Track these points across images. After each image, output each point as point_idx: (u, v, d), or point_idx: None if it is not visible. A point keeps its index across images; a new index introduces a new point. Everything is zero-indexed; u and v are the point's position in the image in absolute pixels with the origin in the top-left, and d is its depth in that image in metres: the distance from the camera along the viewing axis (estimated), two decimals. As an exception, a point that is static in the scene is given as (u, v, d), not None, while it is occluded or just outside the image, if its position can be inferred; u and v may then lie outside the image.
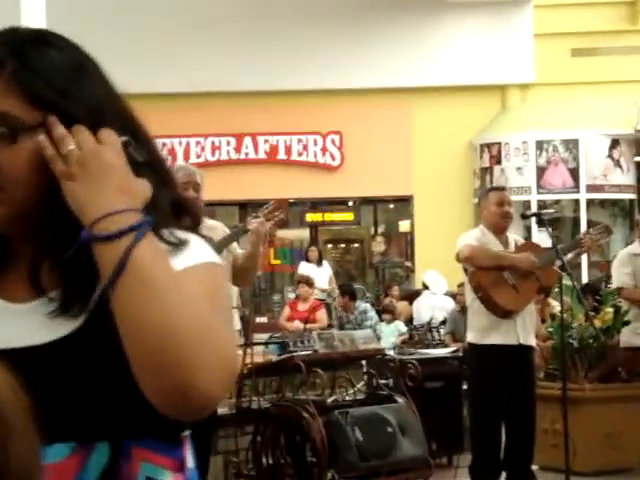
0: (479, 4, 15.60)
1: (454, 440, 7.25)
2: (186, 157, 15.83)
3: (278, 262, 16.88)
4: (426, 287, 12.39)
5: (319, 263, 14.30)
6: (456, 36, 15.82)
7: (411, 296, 12.54)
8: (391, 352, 8.00)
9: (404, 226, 17.04)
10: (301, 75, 15.58)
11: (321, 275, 14.01)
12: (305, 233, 17.07)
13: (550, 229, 6.49)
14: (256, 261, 5.35)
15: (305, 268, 14.17)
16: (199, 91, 15.57)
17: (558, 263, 6.07)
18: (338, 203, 16.95)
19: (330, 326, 11.26)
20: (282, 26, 15.60)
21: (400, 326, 11.13)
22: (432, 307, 11.74)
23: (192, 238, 1.43)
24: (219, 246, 5.19)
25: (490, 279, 5.98)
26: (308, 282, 12.73)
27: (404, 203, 16.74)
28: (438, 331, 10.90)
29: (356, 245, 18.24)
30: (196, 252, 1.40)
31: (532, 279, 6.02)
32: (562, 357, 6.33)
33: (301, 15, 15.68)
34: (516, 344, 5.95)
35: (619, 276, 7.33)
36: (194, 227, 1.49)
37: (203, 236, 1.49)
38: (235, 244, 5.33)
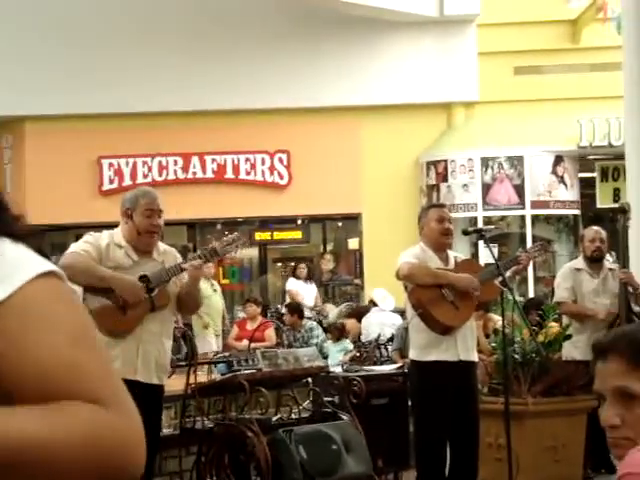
0: (423, 23, 15.75)
1: (400, 456, 7.27)
2: (133, 177, 15.79)
3: (227, 281, 16.85)
4: (374, 304, 12.43)
5: (307, 280, 14.44)
6: (401, 55, 15.96)
7: (359, 313, 12.58)
8: (338, 369, 8.02)
9: (353, 244, 17.10)
10: (248, 94, 15.62)
11: (309, 292, 14.12)
12: (254, 252, 17.06)
13: (494, 245, 6.57)
14: (193, 298, 5.44)
15: (293, 284, 14.26)
16: (145, 111, 15.54)
17: (499, 279, 6.13)
18: (287, 221, 16.97)
19: (278, 344, 11.26)
20: (229, 46, 15.63)
21: (347, 344, 11.16)
22: (381, 324, 11.78)
23: (5, 247, 1.23)
24: (166, 275, 5.23)
25: (429, 296, 6.03)
26: (256, 301, 12.76)
27: (352, 221, 16.81)
28: (386, 348, 10.93)
29: (305, 263, 18.25)
30: (18, 265, 1.20)
31: (471, 295, 6.07)
32: (505, 372, 6.40)
33: (248, 34, 15.72)
34: (456, 360, 6.00)
35: (559, 291, 7.45)
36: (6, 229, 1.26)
37: (21, 236, 1.27)
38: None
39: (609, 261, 8.14)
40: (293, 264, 15.76)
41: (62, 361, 1.16)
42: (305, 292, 14.10)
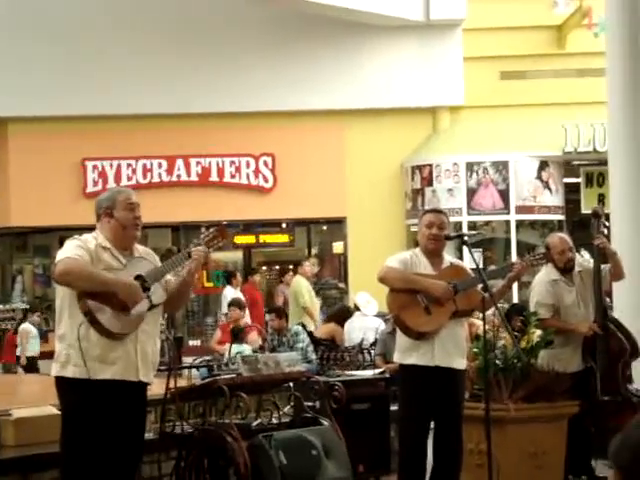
0: (409, 27, 15.76)
1: (381, 461, 7.26)
2: (117, 180, 15.73)
3: (211, 285, 16.81)
4: (357, 308, 12.38)
5: None
6: (387, 59, 15.97)
7: (337, 316, 12.48)
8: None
9: (338, 247, 17.09)
10: (233, 97, 15.60)
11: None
12: (238, 255, 17.04)
13: (478, 250, 6.52)
14: (190, 288, 5.38)
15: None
16: (130, 113, 15.51)
17: (481, 285, 6.09)
18: (271, 225, 16.95)
19: (262, 348, 11.20)
20: (215, 49, 15.62)
21: (244, 348, 10.87)
22: (364, 328, 11.74)
23: None
24: (162, 271, 5.17)
25: (401, 301, 5.99)
26: (239, 305, 12.70)
27: (337, 225, 16.81)
28: (369, 352, 10.90)
29: (290, 267, 18.21)
30: None
31: (447, 302, 6.03)
32: (485, 377, 6.37)
33: (234, 38, 15.70)
34: (432, 366, 5.96)
35: (538, 307, 7.37)
36: None
37: None
38: None
39: (582, 258, 8.12)
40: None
41: None
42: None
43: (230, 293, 13.74)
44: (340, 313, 12.60)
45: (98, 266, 5.02)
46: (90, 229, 5.26)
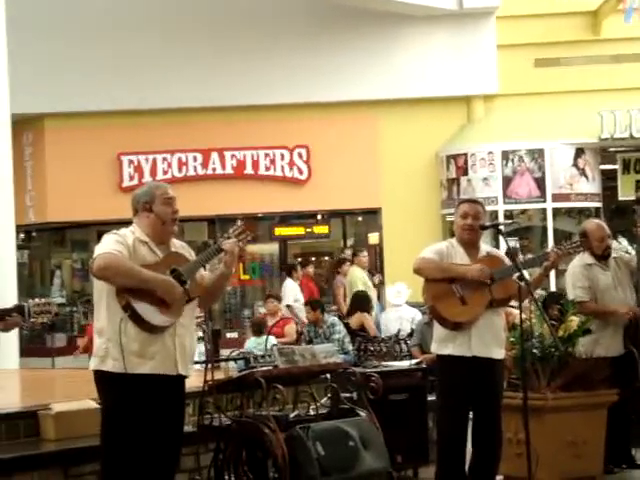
0: (443, 16, 15.70)
1: (419, 452, 7.25)
2: (153, 173, 15.82)
3: (248, 277, 16.86)
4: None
5: None
6: (420, 49, 15.92)
7: (356, 304, 12.39)
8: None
9: (373, 238, 17.07)
10: (267, 89, 15.62)
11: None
12: (274, 247, 17.07)
13: (514, 238, 6.47)
14: (227, 280, 5.39)
15: None
16: (165, 107, 15.57)
17: (517, 274, 6.05)
18: (307, 217, 16.96)
19: (298, 340, 11.23)
20: (247, 41, 15.64)
21: (270, 339, 10.83)
22: (399, 319, 11.77)
23: None
24: (196, 265, 5.19)
25: (436, 291, 5.97)
26: (277, 297, 12.74)
27: (373, 215, 16.79)
28: (406, 343, 10.90)
29: (326, 258, 18.24)
30: None
31: (483, 291, 5.98)
32: (523, 366, 6.35)
33: (268, 30, 15.73)
34: (469, 356, 5.94)
35: (576, 291, 7.32)
36: None
37: None
38: None
39: (619, 245, 8.06)
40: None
41: None
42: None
43: (290, 285, 13.86)
44: (358, 300, 12.52)
45: (135, 261, 5.04)
46: (127, 223, 5.29)
